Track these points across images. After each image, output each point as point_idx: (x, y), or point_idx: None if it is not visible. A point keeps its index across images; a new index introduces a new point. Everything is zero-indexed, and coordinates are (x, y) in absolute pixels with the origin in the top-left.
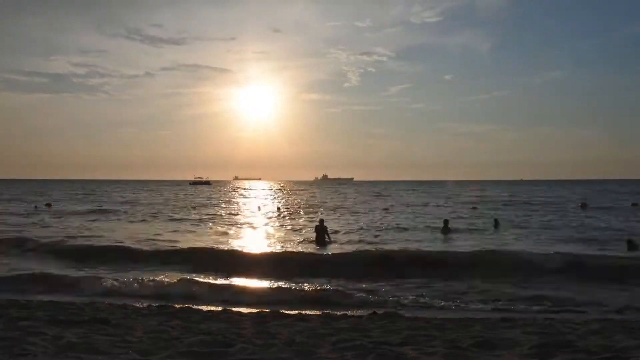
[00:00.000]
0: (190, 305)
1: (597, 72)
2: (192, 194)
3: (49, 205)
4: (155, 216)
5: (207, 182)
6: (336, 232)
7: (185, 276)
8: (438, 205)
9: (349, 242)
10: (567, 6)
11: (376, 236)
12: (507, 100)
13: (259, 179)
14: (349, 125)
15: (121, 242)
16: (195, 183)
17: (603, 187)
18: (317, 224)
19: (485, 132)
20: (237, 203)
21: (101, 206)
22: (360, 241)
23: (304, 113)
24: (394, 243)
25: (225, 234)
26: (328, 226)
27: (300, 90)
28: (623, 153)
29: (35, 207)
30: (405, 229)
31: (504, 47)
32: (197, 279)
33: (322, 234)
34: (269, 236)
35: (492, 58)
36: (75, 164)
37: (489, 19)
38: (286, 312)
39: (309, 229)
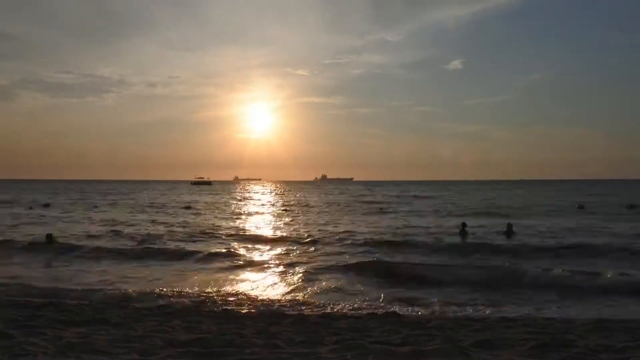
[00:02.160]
0: (190, 305)
1: (570, 73)
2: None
3: (46, 205)
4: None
5: (208, 182)
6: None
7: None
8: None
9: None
10: (523, 17)
11: None
12: (495, 104)
13: (259, 180)
14: (349, 126)
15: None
16: (196, 183)
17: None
18: None
19: (478, 132)
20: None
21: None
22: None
23: (304, 115)
24: None
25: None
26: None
27: (301, 93)
28: (608, 151)
29: (30, 207)
30: None
31: (477, 59)
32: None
33: None
34: None
35: (469, 70)
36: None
37: (458, 35)
38: (286, 312)
39: None
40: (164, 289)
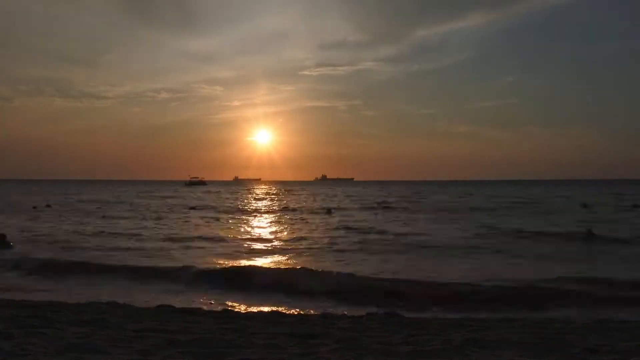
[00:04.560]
0: (190, 306)
1: (541, 76)
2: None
3: (48, 206)
4: None
5: (202, 182)
6: None
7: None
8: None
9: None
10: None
11: None
12: (492, 107)
13: (259, 179)
14: (350, 127)
15: None
16: (191, 183)
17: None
18: None
19: (476, 133)
20: None
21: None
22: None
23: (304, 117)
24: None
25: None
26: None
27: (303, 95)
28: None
29: (34, 207)
30: None
31: (472, 66)
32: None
33: None
34: None
35: (463, 76)
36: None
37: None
38: (286, 311)
39: None
40: None
